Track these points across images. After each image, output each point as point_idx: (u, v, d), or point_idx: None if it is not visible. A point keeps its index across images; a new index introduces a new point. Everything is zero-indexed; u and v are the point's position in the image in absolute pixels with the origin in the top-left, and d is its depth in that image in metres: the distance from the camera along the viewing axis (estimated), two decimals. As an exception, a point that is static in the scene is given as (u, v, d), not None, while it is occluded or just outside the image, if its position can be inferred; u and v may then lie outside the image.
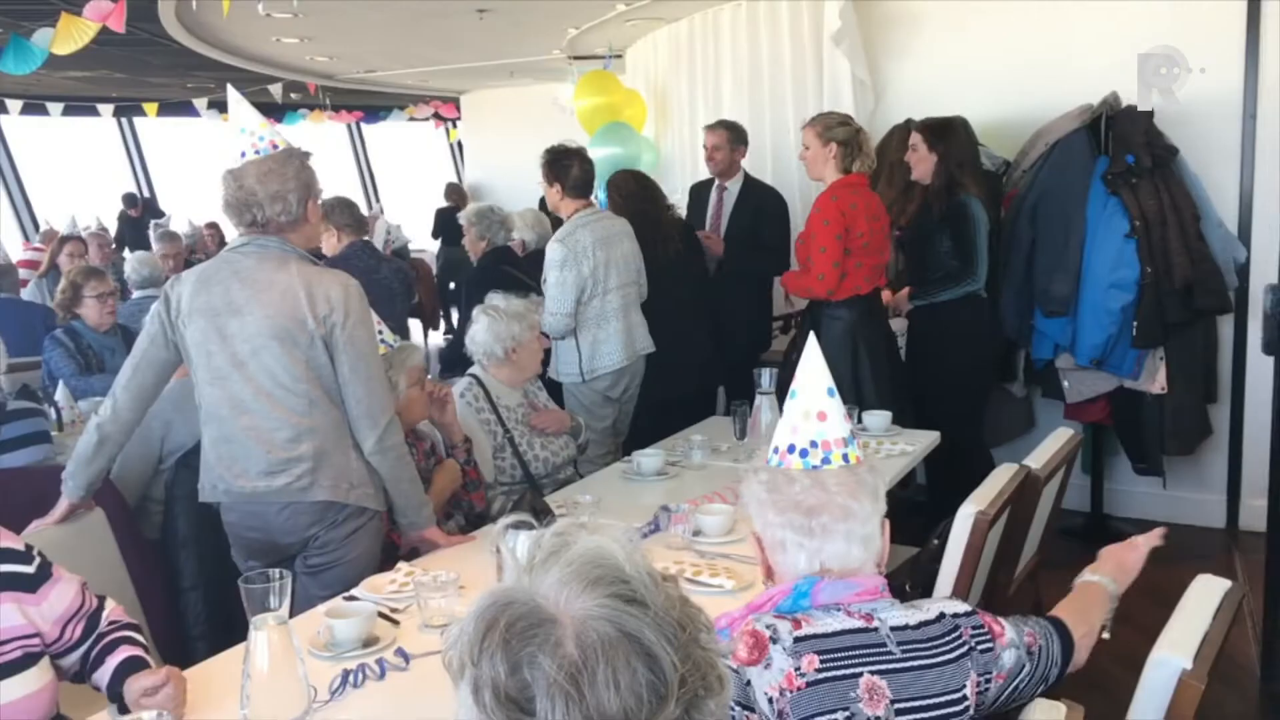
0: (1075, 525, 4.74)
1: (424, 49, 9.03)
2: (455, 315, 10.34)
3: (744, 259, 5.02)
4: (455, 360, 4.51)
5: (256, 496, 2.59)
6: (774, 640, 1.46)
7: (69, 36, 6.22)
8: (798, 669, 1.44)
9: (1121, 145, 4.42)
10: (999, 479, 2.68)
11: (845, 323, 4.10)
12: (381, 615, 2.23)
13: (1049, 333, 4.56)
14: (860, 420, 3.69)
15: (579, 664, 0.92)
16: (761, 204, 5.11)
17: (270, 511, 2.61)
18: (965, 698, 1.53)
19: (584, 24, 7.43)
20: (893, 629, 1.52)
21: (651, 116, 7.30)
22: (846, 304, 4.09)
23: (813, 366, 1.63)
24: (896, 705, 1.47)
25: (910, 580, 2.79)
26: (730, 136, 5.13)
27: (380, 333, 2.94)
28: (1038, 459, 2.93)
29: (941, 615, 1.58)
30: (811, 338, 1.68)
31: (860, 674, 1.47)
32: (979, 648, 1.58)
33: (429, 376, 3.16)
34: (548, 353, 4.06)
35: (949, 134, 4.39)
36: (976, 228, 4.29)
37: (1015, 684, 1.64)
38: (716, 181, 5.21)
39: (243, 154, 2.60)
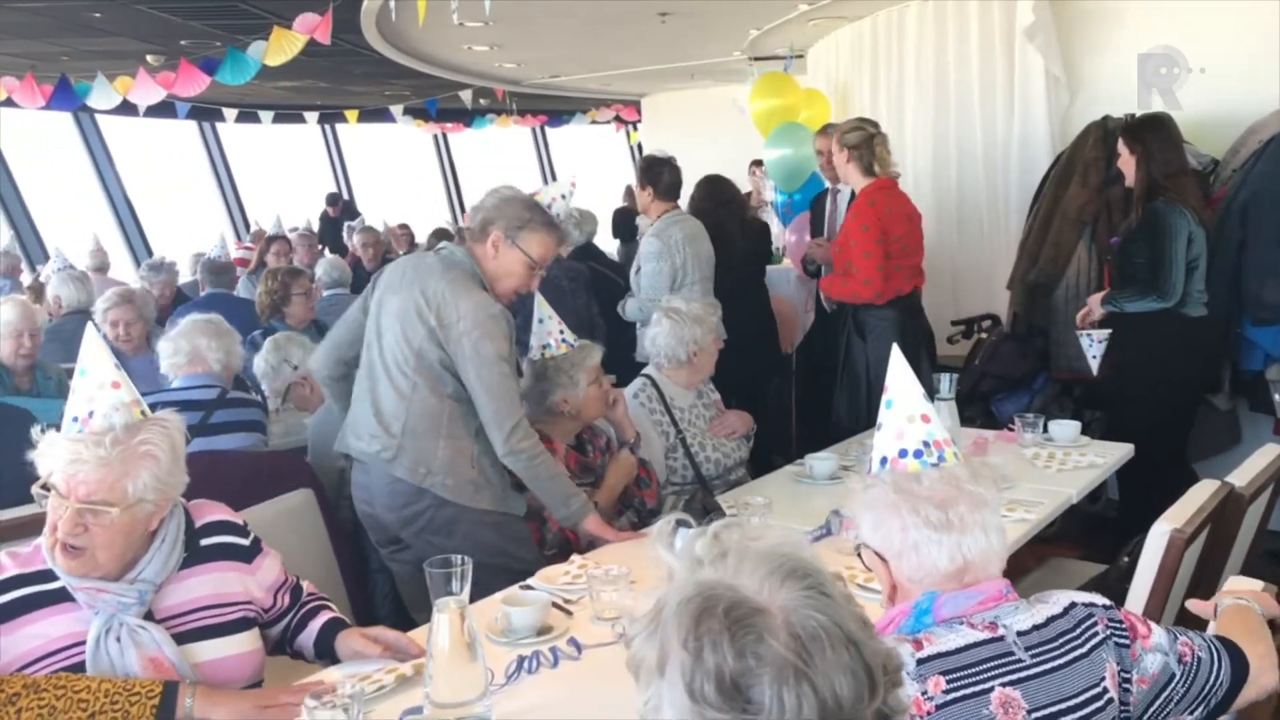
0: (1284, 549, 4.41)
1: (607, 53, 9.19)
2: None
3: None
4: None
5: (359, 456, 2.84)
6: None
7: (280, 49, 6.65)
8: (924, 693, 1.37)
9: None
10: (1198, 496, 2.52)
11: (891, 322, 4.24)
12: (555, 605, 2.29)
13: (1259, 342, 4.25)
14: (1046, 430, 3.55)
15: (806, 648, 0.92)
16: None
17: (374, 482, 2.82)
18: (1106, 690, 1.45)
19: (766, 25, 7.41)
20: (1019, 634, 1.45)
21: (833, 117, 7.21)
22: (892, 304, 4.26)
23: (902, 373, 1.65)
24: (1034, 715, 1.40)
25: (1096, 598, 2.66)
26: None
27: (561, 332, 3.05)
28: (1242, 476, 2.74)
29: (1072, 605, 1.51)
30: (895, 348, 1.70)
31: (991, 689, 1.40)
32: (1115, 639, 1.49)
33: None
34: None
35: (1146, 132, 4.06)
36: (1171, 239, 3.90)
37: (1165, 695, 1.52)
38: (831, 187, 5.14)
39: (549, 204, 2.88)
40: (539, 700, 1.93)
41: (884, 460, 1.59)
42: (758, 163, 7.56)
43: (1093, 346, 4.07)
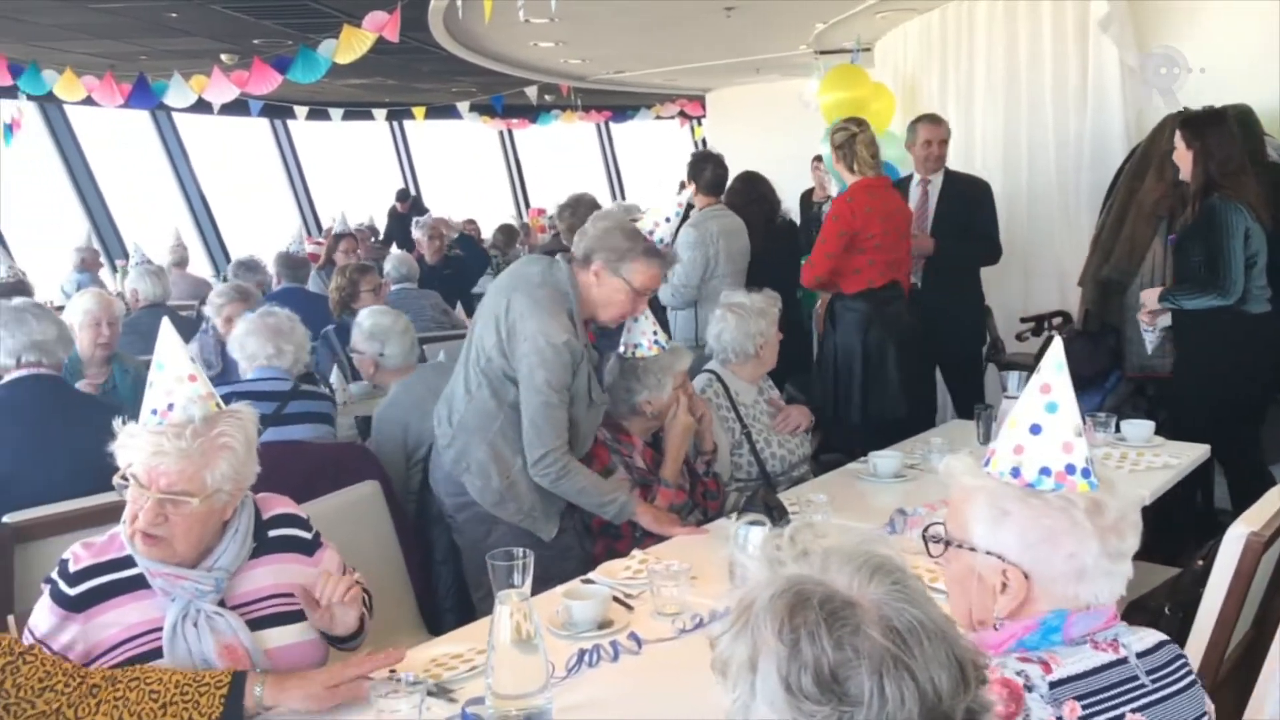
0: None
1: (672, 48, 9.18)
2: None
3: (958, 251, 4.89)
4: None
5: (436, 440, 2.98)
6: (1028, 689, 1.32)
7: (349, 47, 6.75)
8: (1059, 719, 1.32)
9: None
10: (1276, 498, 2.45)
11: (860, 313, 4.39)
12: (616, 600, 2.30)
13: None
14: (1118, 429, 3.48)
15: (903, 639, 0.93)
16: (969, 194, 4.98)
17: (438, 464, 2.96)
18: None
19: (832, 18, 7.34)
20: (1139, 655, 1.41)
21: (899, 111, 7.13)
22: (861, 296, 4.40)
23: (1064, 375, 1.50)
24: None
25: (1170, 603, 2.60)
26: (948, 130, 5.07)
27: (654, 333, 3.06)
28: (1324, 479, 2.66)
29: (1162, 642, 1.47)
30: (1058, 340, 1.55)
31: (1123, 715, 1.35)
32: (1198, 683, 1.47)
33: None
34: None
35: (1207, 128, 3.93)
36: (1229, 235, 3.79)
37: None
38: (917, 177, 5.08)
39: (649, 232, 2.85)
40: (599, 694, 1.94)
41: (1046, 470, 1.44)
42: (818, 158, 7.50)
43: (1150, 333, 4.21)
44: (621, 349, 3.10)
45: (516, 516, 2.86)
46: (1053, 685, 1.33)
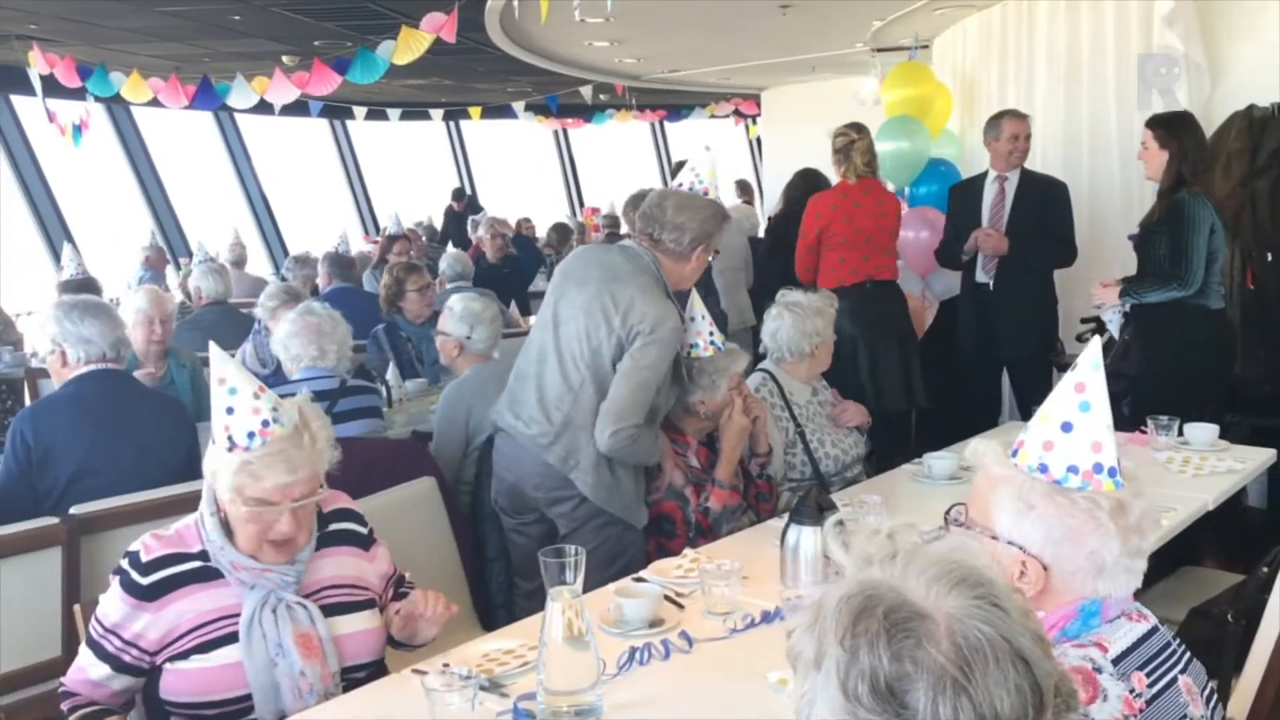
0: None
1: (727, 47, 9.15)
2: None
3: (1032, 251, 4.81)
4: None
5: (515, 434, 2.95)
6: (1098, 670, 1.35)
7: (407, 48, 6.83)
8: (1133, 691, 1.35)
9: None
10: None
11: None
12: (667, 598, 2.30)
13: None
14: (1181, 433, 3.41)
15: (967, 659, 0.90)
16: (1046, 193, 4.88)
17: (526, 458, 2.93)
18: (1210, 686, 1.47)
19: (890, 15, 7.27)
20: (1163, 622, 1.47)
21: (957, 108, 7.04)
22: (835, 293, 4.31)
23: (1099, 374, 1.48)
24: (1208, 699, 1.42)
25: (1234, 609, 2.54)
26: (1030, 125, 4.97)
27: (711, 334, 3.06)
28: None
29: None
30: (1096, 340, 1.54)
31: (1176, 679, 1.40)
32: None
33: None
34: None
35: (1181, 130, 4.05)
36: (1194, 229, 3.90)
37: None
38: (993, 174, 4.98)
39: (680, 184, 2.98)
40: (650, 692, 1.94)
41: (1074, 469, 1.46)
42: None
43: (1112, 312, 4.30)
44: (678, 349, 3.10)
45: (619, 507, 2.90)
46: (1115, 662, 1.37)
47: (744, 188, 12.60)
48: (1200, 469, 3.18)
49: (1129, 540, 1.44)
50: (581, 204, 16.66)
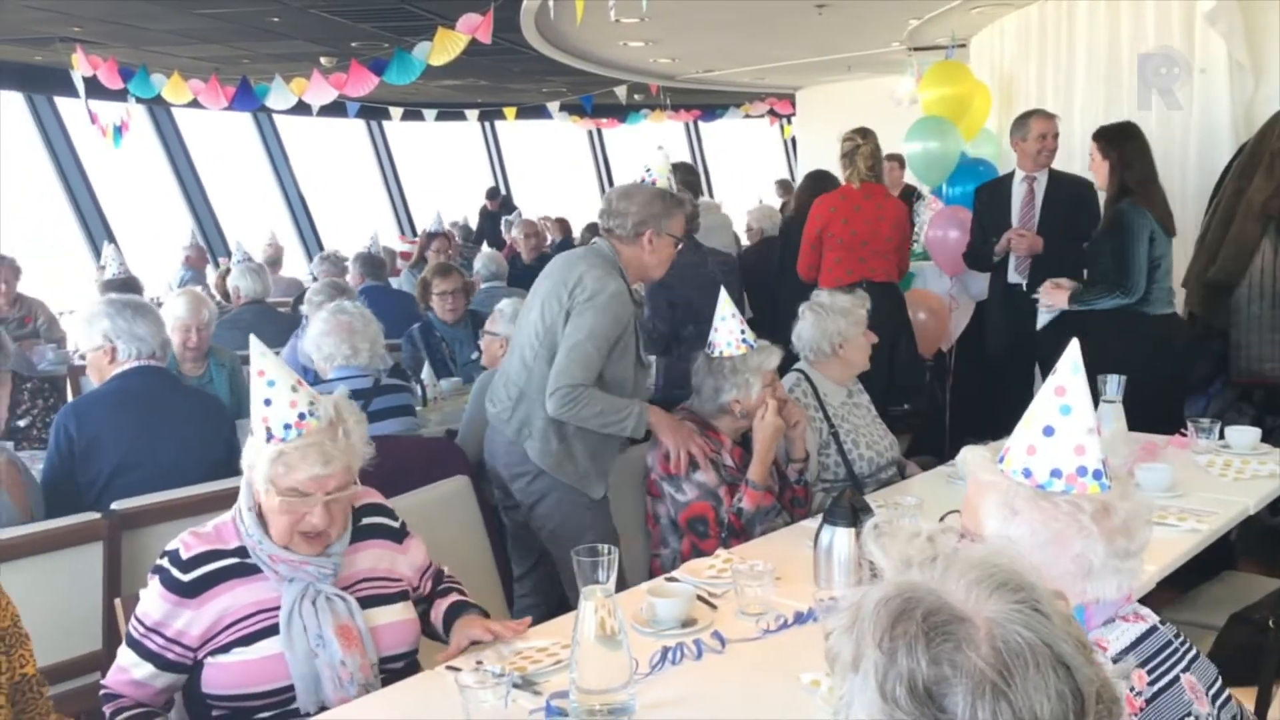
0: None
1: (763, 46, 9.14)
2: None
3: (1068, 251, 4.73)
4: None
5: (490, 418, 3.19)
6: None
7: (443, 48, 6.87)
8: (1132, 689, 1.35)
9: None
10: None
11: None
12: (700, 598, 2.30)
13: None
14: (1222, 436, 3.36)
15: (1007, 664, 0.90)
16: (1075, 193, 4.84)
17: (497, 440, 3.14)
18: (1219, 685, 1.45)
19: (926, 14, 7.23)
20: (1162, 623, 1.44)
21: (995, 107, 6.98)
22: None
23: (1080, 376, 1.48)
24: (1214, 697, 1.40)
25: (1275, 615, 2.50)
26: (1058, 125, 4.94)
27: (742, 332, 3.04)
28: None
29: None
30: (1075, 342, 1.52)
31: (1178, 677, 1.39)
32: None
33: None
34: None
35: (1124, 141, 4.23)
36: (1134, 239, 4.10)
37: None
38: (1021, 175, 4.94)
39: (638, 180, 3.22)
40: (682, 692, 1.94)
41: (1057, 472, 1.46)
42: (891, 157, 7.36)
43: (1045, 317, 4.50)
44: (709, 348, 3.09)
45: (573, 477, 3.04)
46: (1115, 660, 1.37)
47: (784, 187, 12.57)
48: (1241, 473, 3.13)
49: (1115, 542, 1.43)
50: (616, 203, 16.67)
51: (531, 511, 3.09)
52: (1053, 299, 4.36)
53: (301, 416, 1.97)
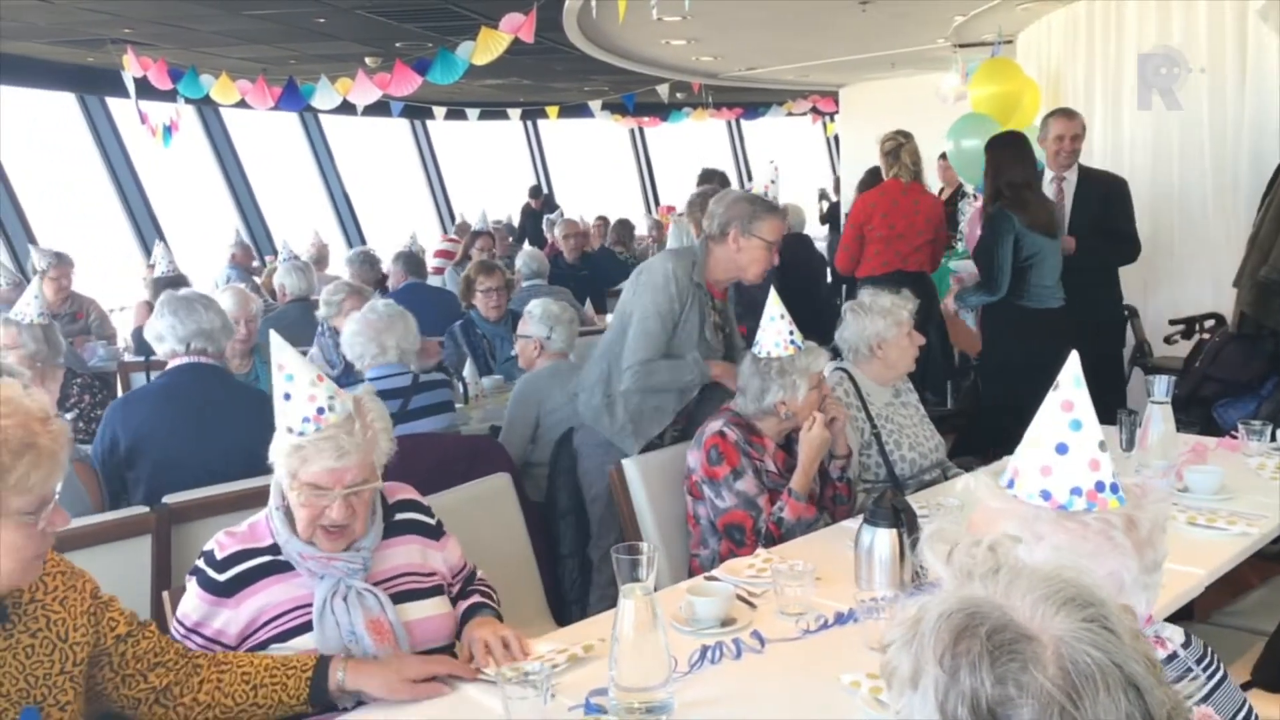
0: None
1: (805, 44, 9.09)
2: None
3: (1098, 250, 4.70)
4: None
5: (582, 409, 3.44)
6: None
7: (486, 48, 6.91)
8: None
9: None
10: None
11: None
12: (740, 598, 2.30)
13: None
14: (1274, 438, 3.29)
15: (1076, 686, 0.87)
16: (1106, 190, 4.79)
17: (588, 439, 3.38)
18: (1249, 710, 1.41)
19: (972, 10, 7.15)
20: (1183, 648, 1.41)
21: (1043, 105, 6.90)
22: (868, 280, 5.12)
23: (1084, 390, 1.42)
24: None
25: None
26: (1083, 125, 4.88)
27: (790, 333, 3.00)
28: None
29: (1189, 634, 1.46)
30: (1074, 354, 1.46)
31: (1191, 710, 1.34)
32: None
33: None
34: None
35: (1002, 149, 4.55)
36: (997, 240, 4.41)
37: None
38: (1050, 174, 4.89)
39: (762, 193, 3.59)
40: (721, 691, 1.94)
41: (1077, 490, 1.40)
42: (943, 155, 7.32)
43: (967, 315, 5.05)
44: (756, 349, 3.07)
45: (609, 430, 3.31)
46: None
47: (821, 195, 12.65)
48: (1277, 478, 3.07)
49: (1145, 555, 1.39)
50: (657, 202, 16.69)
51: (580, 462, 3.38)
52: (950, 301, 4.93)
53: (320, 411, 1.97)
